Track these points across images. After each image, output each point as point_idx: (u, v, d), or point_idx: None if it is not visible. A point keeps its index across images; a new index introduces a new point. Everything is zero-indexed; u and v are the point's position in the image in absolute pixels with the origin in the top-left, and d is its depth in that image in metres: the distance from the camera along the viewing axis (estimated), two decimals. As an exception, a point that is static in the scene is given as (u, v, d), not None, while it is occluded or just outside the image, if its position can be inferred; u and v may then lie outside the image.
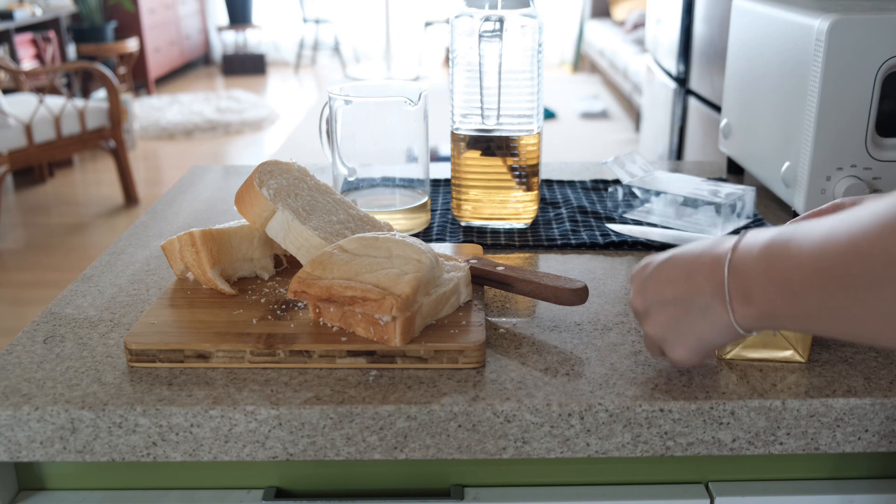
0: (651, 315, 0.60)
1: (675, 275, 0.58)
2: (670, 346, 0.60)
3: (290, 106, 6.10)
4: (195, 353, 0.66)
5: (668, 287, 0.58)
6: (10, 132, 3.42)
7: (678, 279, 0.57)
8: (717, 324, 0.55)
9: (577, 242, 0.93)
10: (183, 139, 5.16)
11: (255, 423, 0.60)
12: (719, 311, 0.54)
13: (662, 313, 0.59)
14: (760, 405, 0.60)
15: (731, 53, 1.14)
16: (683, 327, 0.58)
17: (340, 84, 0.94)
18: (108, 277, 0.85)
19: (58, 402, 0.61)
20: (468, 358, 0.65)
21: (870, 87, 0.86)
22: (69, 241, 3.48)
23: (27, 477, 0.68)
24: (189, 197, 1.13)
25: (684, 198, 1.00)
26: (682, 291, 0.57)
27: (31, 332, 0.73)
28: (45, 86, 4.44)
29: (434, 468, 0.68)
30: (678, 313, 0.58)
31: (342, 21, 7.88)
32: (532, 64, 0.91)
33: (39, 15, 5.04)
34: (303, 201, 0.79)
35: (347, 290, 0.66)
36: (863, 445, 0.62)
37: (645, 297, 0.60)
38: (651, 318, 0.60)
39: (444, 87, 5.54)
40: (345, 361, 0.66)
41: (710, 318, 0.55)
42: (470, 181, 0.96)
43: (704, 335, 0.57)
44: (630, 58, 5.24)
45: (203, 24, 7.83)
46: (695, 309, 0.56)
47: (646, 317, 0.61)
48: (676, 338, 0.59)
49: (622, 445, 0.61)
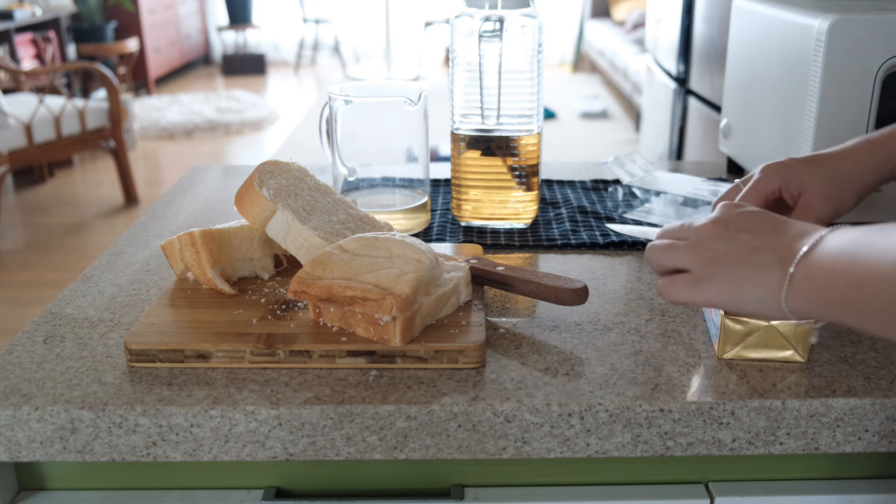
0: (713, 243, 0.57)
1: (763, 225, 0.56)
2: (709, 279, 0.57)
3: (290, 106, 6.10)
4: (195, 353, 0.66)
5: (748, 231, 0.56)
6: (10, 132, 3.43)
7: (761, 229, 0.56)
8: (765, 288, 0.54)
9: (577, 242, 0.93)
10: (183, 139, 5.16)
11: (255, 423, 0.60)
12: (776, 276, 0.53)
13: (726, 248, 0.56)
14: (760, 405, 0.60)
15: (731, 53, 1.14)
16: (735, 271, 0.55)
17: (340, 84, 0.94)
18: (108, 277, 0.85)
19: (58, 402, 0.61)
20: (468, 358, 0.65)
21: (870, 87, 0.86)
22: (69, 241, 3.48)
23: (27, 477, 0.68)
24: (189, 197, 1.13)
25: (684, 198, 1.00)
26: (757, 241, 0.55)
27: (31, 332, 0.73)
28: (45, 86, 4.44)
29: (434, 468, 0.68)
30: (739, 257, 0.55)
31: (342, 21, 7.88)
32: (532, 64, 0.91)
33: (39, 15, 5.04)
34: (303, 201, 0.79)
35: (347, 290, 0.66)
36: (863, 445, 0.62)
37: (721, 226, 0.58)
38: (712, 246, 0.57)
39: (444, 87, 5.54)
40: (345, 361, 0.66)
41: (763, 279, 0.54)
42: (470, 181, 0.96)
43: (745, 291, 0.55)
44: (630, 58, 5.24)
45: (203, 24, 7.83)
46: (755, 263, 0.55)
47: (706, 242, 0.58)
48: (721, 276, 0.56)
49: (622, 445, 0.61)
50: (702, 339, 0.70)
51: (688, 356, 0.67)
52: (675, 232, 0.61)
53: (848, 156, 0.71)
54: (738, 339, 0.66)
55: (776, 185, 0.71)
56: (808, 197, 0.71)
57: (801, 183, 0.71)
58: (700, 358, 0.67)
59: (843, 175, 0.71)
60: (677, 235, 0.60)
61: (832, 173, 0.71)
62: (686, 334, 0.71)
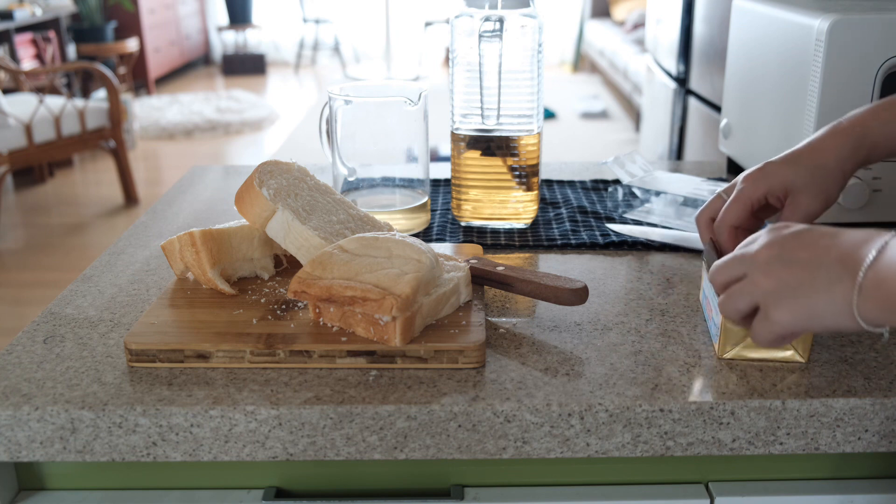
0: (773, 268, 0.56)
1: (820, 240, 0.55)
2: (777, 305, 0.56)
3: (290, 106, 6.10)
4: (195, 353, 0.66)
5: (805, 248, 0.55)
6: (10, 132, 3.43)
7: (818, 244, 0.55)
8: (836, 301, 0.53)
9: (577, 242, 0.93)
10: (183, 139, 5.16)
11: (255, 423, 0.60)
12: (846, 288, 0.52)
13: (787, 270, 0.55)
14: (760, 405, 0.60)
15: (731, 53, 1.14)
16: (802, 291, 0.54)
17: (340, 84, 0.94)
18: (108, 277, 0.85)
19: (58, 402, 0.61)
20: (468, 358, 0.65)
21: (870, 87, 0.86)
22: (69, 241, 3.48)
23: (27, 477, 0.68)
24: (189, 197, 1.13)
25: (684, 198, 1.00)
26: (817, 256, 0.54)
27: (31, 332, 0.73)
28: (45, 86, 4.44)
29: (434, 468, 0.68)
30: (804, 276, 0.54)
31: (342, 21, 7.88)
32: (532, 64, 0.91)
33: (39, 15, 5.04)
34: (303, 201, 0.79)
35: (347, 290, 0.66)
36: (863, 445, 0.62)
37: (776, 249, 0.57)
38: (772, 271, 0.56)
39: (444, 87, 5.54)
40: (345, 361, 0.66)
41: (833, 293, 0.53)
42: (470, 181, 0.96)
43: (817, 309, 0.54)
44: (630, 58, 5.24)
45: (203, 24, 7.83)
46: (821, 278, 0.54)
47: (765, 268, 0.56)
48: (789, 299, 0.55)
49: (622, 445, 0.61)
50: (702, 339, 0.70)
51: (688, 356, 0.67)
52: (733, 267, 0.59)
53: (824, 147, 0.71)
54: (738, 339, 0.66)
55: (760, 192, 0.71)
56: (794, 195, 0.71)
57: (785, 184, 0.71)
58: (700, 358, 0.67)
59: (824, 168, 0.71)
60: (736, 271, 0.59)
61: (813, 168, 0.71)
62: (686, 334, 0.71)
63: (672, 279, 0.83)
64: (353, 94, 0.92)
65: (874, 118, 0.71)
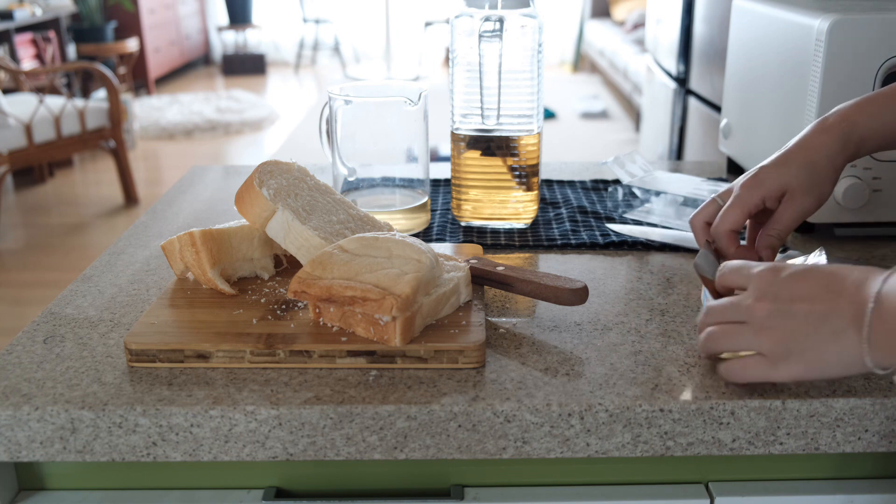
0: (774, 324, 0.56)
1: (815, 289, 0.55)
2: (787, 359, 0.55)
3: (290, 106, 6.10)
4: (195, 353, 0.66)
5: (801, 301, 0.55)
6: (10, 132, 3.43)
7: (817, 294, 0.54)
8: (845, 353, 0.53)
9: (577, 242, 0.93)
10: (183, 139, 5.16)
11: (255, 423, 0.60)
12: (852, 339, 0.52)
13: (788, 325, 0.55)
14: (760, 405, 0.60)
15: (731, 53, 1.14)
16: (809, 344, 0.54)
17: (340, 84, 0.94)
18: (108, 277, 0.85)
19: (58, 402, 0.61)
20: (468, 358, 0.65)
21: (870, 87, 0.86)
22: (69, 241, 3.48)
23: (27, 477, 0.68)
24: (189, 197, 1.13)
25: (684, 198, 1.00)
26: (819, 308, 0.54)
27: (31, 332, 0.73)
28: (45, 86, 4.44)
29: (434, 468, 0.68)
30: (808, 330, 0.54)
31: (342, 21, 7.88)
32: (532, 64, 0.91)
33: (39, 15, 5.04)
34: (303, 201, 0.79)
35: (347, 290, 0.66)
36: (863, 445, 0.62)
37: (771, 302, 0.56)
38: (774, 327, 0.56)
39: (444, 87, 5.54)
40: (345, 361, 0.66)
41: (840, 345, 0.53)
42: (470, 181, 0.96)
43: (829, 360, 0.54)
44: (630, 58, 5.24)
45: (203, 24, 7.83)
46: (826, 329, 0.53)
47: (766, 323, 0.56)
48: (797, 355, 0.55)
49: (622, 445, 0.61)
50: (702, 339, 0.70)
51: (688, 356, 0.67)
52: (727, 313, 0.59)
53: (813, 145, 0.72)
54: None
55: (757, 198, 0.72)
56: (791, 194, 0.72)
57: (780, 187, 0.72)
58: (700, 358, 0.67)
59: (815, 165, 0.71)
60: (731, 317, 0.59)
61: (806, 166, 0.72)
62: (686, 334, 0.71)
63: (672, 279, 0.83)
64: (353, 94, 0.92)
65: (860, 113, 0.72)
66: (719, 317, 0.60)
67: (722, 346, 0.60)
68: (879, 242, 0.92)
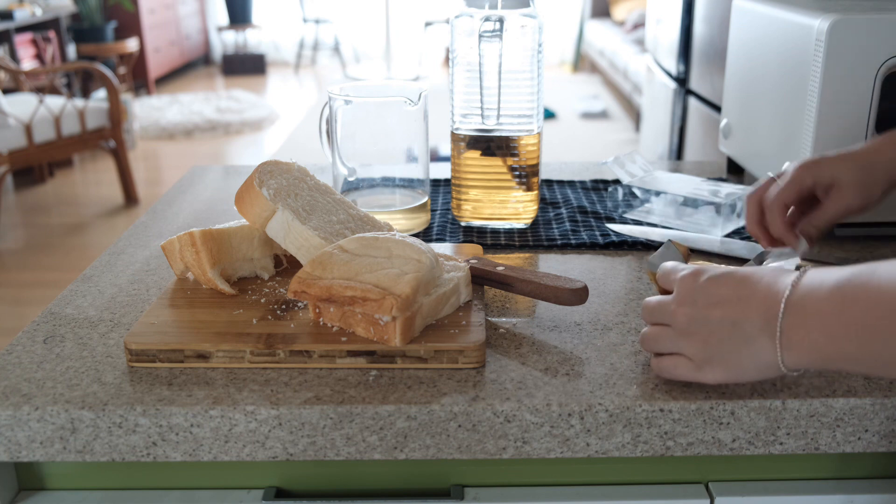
0: (693, 330, 0.57)
1: (727, 295, 0.56)
2: (710, 364, 0.57)
3: (290, 106, 6.10)
4: (195, 353, 0.66)
5: (717, 307, 0.56)
6: (10, 132, 3.43)
7: (729, 301, 0.56)
8: (760, 358, 0.54)
9: (577, 242, 0.93)
10: (183, 139, 5.16)
11: (255, 423, 0.60)
12: (766, 346, 0.53)
13: (705, 331, 0.57)
14: (760, 405, 0.60)
15: (731, 53, 1.14)
16: (725, 349, 0.56)
17: (340, 84, 0.94)
18: (108, 277, 0.85)
19: (58, 402, 0.61)
20: (468, 358, 0.65)
21: (870, 87, 0.86)
22: (69, 241, 3.48)
23: (27, 477, 0.68)
24: (189, 197, 1.13)
25: (684, 198, 1.00)
26: (731, 315, 0.55)
27: (31, 332, 0.73)
28: (45, 86, 4.44)
29: (434, 468, 0.68)
30: (721, 335, 0.56)
31: (342, 21, 7.88)
32: (532, 64, 0.91)
33: (39, 15, 5.04)
34: (303, 201, 0.79)
35: (347, 290, 0.66)
36: (863, 445, 0.62)
37: (693, 309, 0.57)
38: (693, 334, 0.58)
39: (444, 87, 5.54)
40: (345, 361, 0.66)
41: (754, 351, 0.54)
42: (470, 181, 0.96)
43: (745, 364, 0.55)
44: (630, 58, 5.24)
45: (203, 24, 7.83)
46: (738, 336, 0.55)
47: (686, 330, 0.58)
48: (717, 360, 0.57)
49: (622, 445, 0.61)
50: (702, 339, 0.70)
51: (688, 356, 0.67)
52: (655, 314, 0.61)
53: (878, 149, 0.74)
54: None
55: (810, 181, 0.74)
56: (839, 188, 0.73)
57: (832, 177, 0.73)
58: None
59: (874, 166, 0.73)
60: (658, 319, 0.61)
61: (864, 164, 0.73)
62: (686, 334, 0.71)
63: (672, 279, 0.83)
64: (353, 94, 0.92)
65: None
66: (649, 317, 0.62)
67: (650, 348, 0.62)
68: (879, 242, 0.92)
